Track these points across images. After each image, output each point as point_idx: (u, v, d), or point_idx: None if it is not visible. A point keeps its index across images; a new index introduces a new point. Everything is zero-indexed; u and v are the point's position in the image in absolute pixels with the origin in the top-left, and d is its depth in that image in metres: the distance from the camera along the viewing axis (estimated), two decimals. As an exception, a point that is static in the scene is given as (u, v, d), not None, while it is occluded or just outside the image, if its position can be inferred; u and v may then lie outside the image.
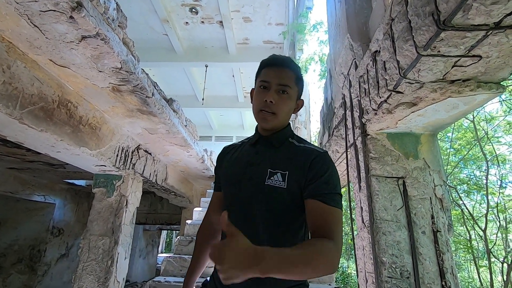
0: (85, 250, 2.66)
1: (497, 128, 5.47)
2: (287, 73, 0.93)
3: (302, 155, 0.89)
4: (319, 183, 0.84)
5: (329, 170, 0.86)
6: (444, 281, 1.48)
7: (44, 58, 1.69)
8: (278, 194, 0.86)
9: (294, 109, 0.98)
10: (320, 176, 0.84)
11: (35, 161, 3.56)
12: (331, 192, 0.83)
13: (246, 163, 0.94)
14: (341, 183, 2.53)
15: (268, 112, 0.91)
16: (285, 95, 0.92)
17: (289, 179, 0.86)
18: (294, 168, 0.87)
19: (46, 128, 1.82)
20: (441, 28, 1.01)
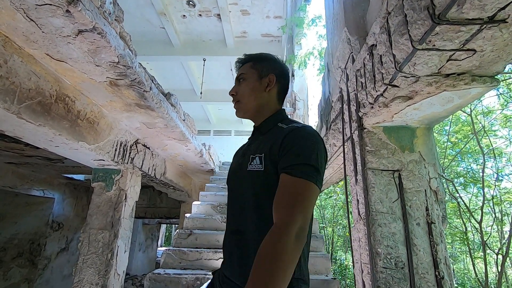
0: (85, 244, 2.69)
1: (494, 122, 5.50)
2: (242, 67, 1.04)
3: (280, 134, 0.87)
4: (289, 155, 0.80)
5: (302, 142, 0.81)
6: (437, 271, 1.52)
7: (41, 53, 1.69)
8: (258, 177, 0.85)
9: (266, 86, 1.00)
10: (290, 149, 0.81)
11: (34, 155, 3.56)
12: (300, 163, 0.77)
13: (241, 155, 0.99)
14: (338, 175, 2.51)
15: (234, 102, 1.01)
16: (242, 81, 1.01)
17: (265, 160, 0.85)
18: (269, 149, 0.85)
19: (44, 123, 1.82)
20: (436, 22, 1.02)
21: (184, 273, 2.60)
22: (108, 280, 2.57)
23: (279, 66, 1.04)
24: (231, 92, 1.02)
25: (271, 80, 1.00)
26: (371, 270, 1.55)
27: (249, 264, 0.79)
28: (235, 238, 0.89)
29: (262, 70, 1.01)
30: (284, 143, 0.83)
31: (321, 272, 2.77)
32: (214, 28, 6.60)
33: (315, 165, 0.78)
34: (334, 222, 9.08)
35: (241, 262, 0.84)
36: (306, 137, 0.83)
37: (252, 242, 0.83)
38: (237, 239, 0.88)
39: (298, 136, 0.83)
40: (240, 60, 1.06)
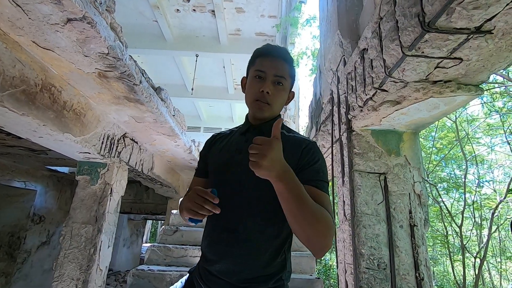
0: (67, 238, 2.63)
1: (477, 130, 5.67)
2: (283, 64, 0.94)
3: (293, 144, 0.90)
4: (311, 170, 0.85)
5: (320, 160, 0.88)
6: (418, 273, 1.56)
7: (27, 40, 1.63)
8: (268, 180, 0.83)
9: (285, 100, 0.98)
10: (312, 165, 0.86)
11: (16, 146, 3.45)
12: (322, 179, 0.85)
13: (235, 151, 0.94)
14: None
15: (264, 102, 0.91)
16: (280, 86, 0.93)
17: None
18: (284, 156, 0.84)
19: (28, 112, 1.77)
20: (425, 29, 1.04)
21: (169, 269, 2.58)
22: (90, 275, 2.52)
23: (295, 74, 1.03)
24: (266, 90, 0.90)
25: (291, 98, 1.01)
26: (354, 271, 1.58)
27: (247, 262, 0.83)
28: (229, 236, 0.87)
29: (292, 83, 0.99)
30: (304, 155, 0.87)
31: (305, 271, 2.80)
32: (207, 24, 6.55)
33: (328, 181, 0.89)
34: (321, 222, 9.17)
35: (237, 261, 0.84)
36: (321, 155, 0.91)
37: (245, 242, 0.84)
38: (233, 238, 0.86)
39: (315, 153, 0.89)
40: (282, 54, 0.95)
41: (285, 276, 0.88)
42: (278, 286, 0.86)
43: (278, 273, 0.86)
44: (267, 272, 0.85)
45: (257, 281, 0.83)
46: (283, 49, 0.98)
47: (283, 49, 0.98)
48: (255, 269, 0.84)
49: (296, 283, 2.49)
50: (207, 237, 0.94)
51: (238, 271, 0.84)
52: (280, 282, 0.86)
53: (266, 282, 0.84)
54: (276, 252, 0.86)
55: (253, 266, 0.84)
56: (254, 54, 0.99)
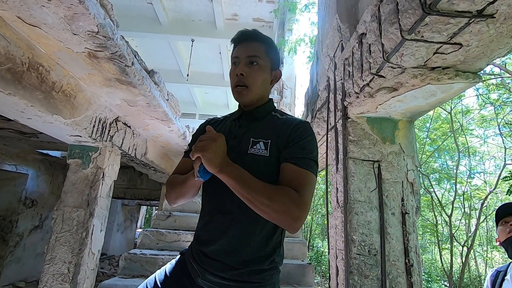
0: (59, 221, 2.61)
1: (472, 121, 5.71)
2: (255, 44, 0.94)
3: (284, 124, 0.91)
4: (295, 147, 0.85)
5: (307, 138, 0.88)
6: (407, 259, 1.58)
7: (11, 15, 1.55)
8: (260, 162, 0.86)
9: (271, 81, 0.98)
10: (297, 142, 0.86)
11: (5, 128, 3.37)
12: (305, 156, 0.84)
13: (228, 136, 0.93)
14: (319, 164, 2.57)
15: (242, 86, 0.92)
16: (255, 65, 0.92)
17: (271, 147, 0.87)
18: (276, 137, 0.89)
19: (14, 92, 1.70)
20: (426, 12, 1.01)
21: (161, 254, 2.59)
22: (82, 258, 2.52)
23: (278, 55, 1.02)
24: (239, 72, 0.91)
25: (277, 77, 1.00)
26: (345, 256, 1.59)
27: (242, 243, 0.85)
28: (225, 218, 0.88)
29: (273, 61, 0.97)
30: (292, 134, 0.87)
31: (297, 257, 2.84)
32: (204, 8, 6.38)
33: (315, 159, 0.86)
34: (314, 210, 9.30)
35: (232, 242, 0.85)
36: (310, 133, 0.90)
37: (240, 223, 0.86)
38: (228, 219, 0.87)
39: (304, 131, 0.89)
40: (249, 35, 0.96)
41: (278, 259, 0.89)
42: (272, 268, 0.87)
43: (271, 255, 0.87)
44: (261, 253, 0.86)
45: (252, 262, 0.84)
46: (254, 31, 0.98)
47: (254, 31, 0.98)
48: (249, 250, 0.85)
49: (288, 268, 2.52)
50: (202, 219, 0.95)
51: (233, 252, 0.85)
52: (273, 264, 0.88)
53: (261, 263, 0.85)
54: (270, 234, 0.88)
55: (247, 247, 0.85)
56: (231, 44, 1.00)
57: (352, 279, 1.54)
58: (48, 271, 2.46)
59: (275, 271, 0.88)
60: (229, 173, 0.77)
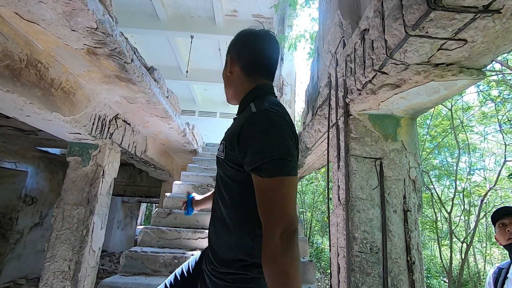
0: (59, 219, 2.60)
1: (472, 118, 5.70)
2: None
3: (239, 120, 0.83)
4: (251, 154, 0.73)
5: (258, 137, 0.74)
6: (409, 257, 1.57)
7: (9, 11, 1.53)
8: (221, 164, 0.87)
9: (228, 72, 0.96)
10: (250, 146, 0.74)
11: (4, 125, 3.35)
12: (264, 161, 0.71)
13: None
14: (320, 161, 2.53)
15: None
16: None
17: (226, 148, 0.82)
18: (228, 137, 0.82)
19: (13, 89, 1.69)
20: (431, 7, 0.99)
21: (162, 251, 2.59)
22: (82, 256, 2.51)
23: (238, 42, 0.96)
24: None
25: (227, 62, 0.97)
26: (347, 254, 1.59)
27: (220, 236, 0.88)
28: (212, 215, 0.95)
29: (232, 54, 0.96)
30: (241, 137, 0.76)
31: (298, 254, 2.84)
32: (203, 4, 6.33)
33: (282, 156, 0.72)
34: (314, 207, 9.32)
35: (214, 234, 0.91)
36: (261, 129, 0.75)
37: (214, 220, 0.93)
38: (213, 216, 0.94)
39: (254, 130, 0.75)
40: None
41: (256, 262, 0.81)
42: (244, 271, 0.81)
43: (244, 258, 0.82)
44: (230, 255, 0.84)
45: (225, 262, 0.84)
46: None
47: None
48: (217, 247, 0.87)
49: (288, 266, 2.52)
50: None
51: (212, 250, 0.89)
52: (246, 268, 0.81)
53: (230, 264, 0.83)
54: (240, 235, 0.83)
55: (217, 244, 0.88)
56: None
57: (353, 276, 1.54)
58: (49, 269, 2.45)
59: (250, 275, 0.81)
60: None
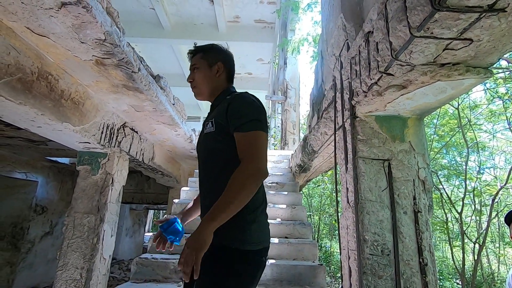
0: (70, 228, 2.63)
1: (480, 116, 5.63)
2: (194, 57, 1.25)
3: (224, 102, 1.13)
4: (234, 118, 1.04)
5: (241, 105, 1.07)
6: (421, 258, 1.56)
7: (21, 26, 1.58)
8: (210, 137, 1.11)
9: (216, 73, 1.23)
10: (234, 113, 1.05)
11: (15, 137, 3.42)
12: (245, 121, 1.02)
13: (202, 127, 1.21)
14: (327, 164, 2.53)
15: (192, 88, 1.24)
16: (196, 70, 1.22)
17: (215, 123, 1.09)
18: (217, 114, 1.11)
19: (25, 101, 1.73)
20: (436, 8, 1.00)
21: (172, 257, 2.60)
22: (93, 264, 2.54)
23: (224, 53, 1.27)
24: (188, 80, 1.24)
25: (219, 67, 1.24)
26: (358, 257, 1.58)
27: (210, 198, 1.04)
28: (201, 187, 1.16)
29: (210, 59, 1.23)
30: (229, 109, 1.07)
31: (308, 258, 2.82)
32: (206, 11, 6.41)
33: (257, 117, 1.04)
34: (321, 210, 9.25)
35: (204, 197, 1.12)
36: (244, 100, 1.09)
37: (205, 184, 1.14)
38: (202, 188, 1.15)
39: (238, 102, 1.08)
40: (191, 51, 1.27)
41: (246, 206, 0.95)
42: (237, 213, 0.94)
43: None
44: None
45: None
46: (194, 47, 1.27)
47: (194, 48, 1.27)
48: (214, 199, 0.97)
49: (299, 270, 2.51)
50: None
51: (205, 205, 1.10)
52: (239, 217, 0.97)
53: None
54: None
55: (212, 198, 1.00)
56: None
57: (365, 279, 1.52)
58: (61, 277, 2.48)
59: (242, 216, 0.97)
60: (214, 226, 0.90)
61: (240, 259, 0.96)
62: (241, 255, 0.96)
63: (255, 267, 0.99)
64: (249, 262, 0.97)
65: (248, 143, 1.00)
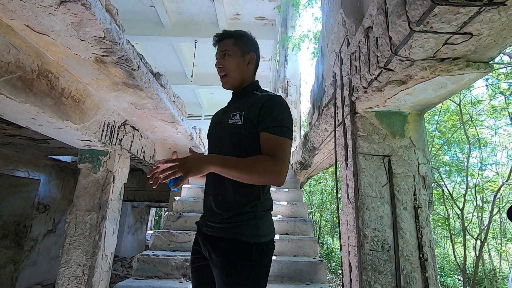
0: (72, 225, 2.65)
1: (482, 112, 5.60)
2: (224, 42, 1.20)
3: (257, 99, 1.13)
4: (269, 119, 1.06)
5: (278, 109, 1.08)
6: (422, 254, 1.56)
7: (20, 24, 1.58)
8: (235, 129, 1.11)
9: (247, 63, 1.22)
10: (269, 114, 1.06)
11: (17, 135, 3.44)
12: (278, 125, 1.05)
13: (221, 113, 1.24)
14: (328, 160, 2.57)
15: (222, 75, 1.20)
16: (227, 56, 1.19)
17: (244, 117, 1.10)
18: (248, 109, 1.11)
19: (25, 99, 1.73)
20: (435, 2, 0.99)
21: (173, 254, 2.61)
22: (96, 261, 2.55)
23: (255, 44, 1.26)
24: (217, 65, 1.20)
25: (252, 58, 1.23)
26: (358, 252, 1.58)
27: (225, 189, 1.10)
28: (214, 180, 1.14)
29: (244, 48, 1.21)
30: (264, 107, 1.08)
31: (309, 254, 2.83)
32: (206, 9, 6.39)
33: (288, 125, 1.07)
34: (323, 207, 9.27)
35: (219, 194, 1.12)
36: (281, 105, 1.10)
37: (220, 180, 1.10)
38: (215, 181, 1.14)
39: (275, 104, 1.09)
40: (220, 36, 1.22)
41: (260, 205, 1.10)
42: (252, 211, 1.08)
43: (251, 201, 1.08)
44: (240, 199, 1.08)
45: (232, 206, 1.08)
46: (223, 31, 1.23)
47: (223, 32, 1.23)
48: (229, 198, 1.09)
49: (299, 266, 2.52)
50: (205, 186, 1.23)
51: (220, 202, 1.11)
52: (254, 208, 1.08)
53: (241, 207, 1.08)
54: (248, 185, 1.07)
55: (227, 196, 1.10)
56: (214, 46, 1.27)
57: (366, 275, 1.53)
58: (64, 274, 2.50)
59: (257, 213, 1.08)
60: (216, 164, 0.98)
61: (258, 251, 1.06)
62: (258, 247, 1.06)
63: (270, 253, 1.11)
64: (265, 251, 1.08)
65: (277, 146, 1.02)
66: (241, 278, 1.02)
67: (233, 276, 1.03)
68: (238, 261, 1.04)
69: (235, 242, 1.04)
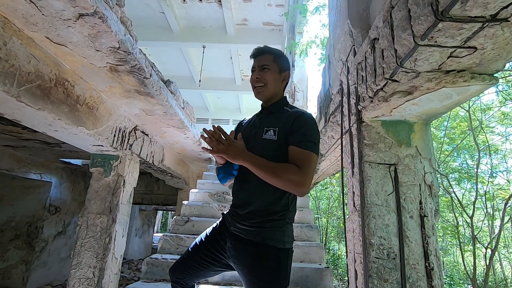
0: (83, 228, 2.72)
1: (492, 118, 5.53)
2: (264, 56, 1.30)
3: (289, 116, 1.23)
4: (298, 134, 1.15)
5: (306, 125, 1.17)
6: (427, 262, 1.57)
7: (41, 35, 1.66)
8: (270, 144, 1.20)
9: (282, 80, 1.32)
10: (298, 130, 1.16)
11: (31, 139, 3.55)
12: (305, 140, 1.13)
13: (251, 127, 1.32)
14: (334, 167, 2.57)
15: (258, 86, 1.28)
16: (266, 70, 1.28)
17: (278, 133, 1.20)
18: (282, 125, 1.21)
19: (43, 107, 1.82)
20: (439, 18, 1.02)
21: (181, 258, 2.65)
22: (106, 263, 2.62)
23: (289, 64, 1.36)
24: (256, 76, 1.29)
25: (286, 76, 1.34)
26: (364, 260, 1.60)
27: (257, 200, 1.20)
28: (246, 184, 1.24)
29: (281, 66, 1.31)
30: (294, 123, 1.18)
31: (315, 260, 2.84)
32: (214, 15, 6.50)
33: (315, 141, 1.16)
34: (329, 213, 9.21)
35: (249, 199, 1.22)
36: (309, 121, 1.20)
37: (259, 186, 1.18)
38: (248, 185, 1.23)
39: (304, 120, 1.19)
40: (261, 50, 1.31)
41: (288, 215, 1.21)
42: (281, 219, 1.19)
43: (281, 211, 1.19)
44: (271, 209, 1.18)
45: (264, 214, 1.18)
46: (265, 47, 1.33)
47: (265, 47, 1.32)
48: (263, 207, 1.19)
49: (305, 272, 2.53)
50: (234, 186, 1.32)
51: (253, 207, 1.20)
52: (282, 217, 1.19)
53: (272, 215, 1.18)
54: (280, 196, 1.19)
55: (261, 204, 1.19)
56: (251, 58, 1.35)
57: (371, 283, 1.54)
58: (75, 276, 2.57)
59: (284, 221, 1.20)
60: (249, 162, 1.10)
61: (284, 256, 1.16)
62: (284, 252, 1.17)
63: (291, 258, 1.21)
64: (289, 256, 1.19)
65: (305, 160, 1.10)
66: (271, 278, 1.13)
67: (263, 277, 1.14)
68: (267, 263, 1.14)
69: (264, 246, 1.15)
